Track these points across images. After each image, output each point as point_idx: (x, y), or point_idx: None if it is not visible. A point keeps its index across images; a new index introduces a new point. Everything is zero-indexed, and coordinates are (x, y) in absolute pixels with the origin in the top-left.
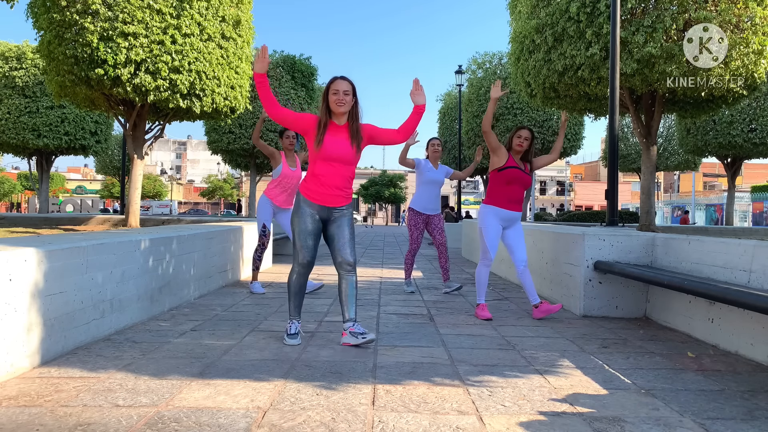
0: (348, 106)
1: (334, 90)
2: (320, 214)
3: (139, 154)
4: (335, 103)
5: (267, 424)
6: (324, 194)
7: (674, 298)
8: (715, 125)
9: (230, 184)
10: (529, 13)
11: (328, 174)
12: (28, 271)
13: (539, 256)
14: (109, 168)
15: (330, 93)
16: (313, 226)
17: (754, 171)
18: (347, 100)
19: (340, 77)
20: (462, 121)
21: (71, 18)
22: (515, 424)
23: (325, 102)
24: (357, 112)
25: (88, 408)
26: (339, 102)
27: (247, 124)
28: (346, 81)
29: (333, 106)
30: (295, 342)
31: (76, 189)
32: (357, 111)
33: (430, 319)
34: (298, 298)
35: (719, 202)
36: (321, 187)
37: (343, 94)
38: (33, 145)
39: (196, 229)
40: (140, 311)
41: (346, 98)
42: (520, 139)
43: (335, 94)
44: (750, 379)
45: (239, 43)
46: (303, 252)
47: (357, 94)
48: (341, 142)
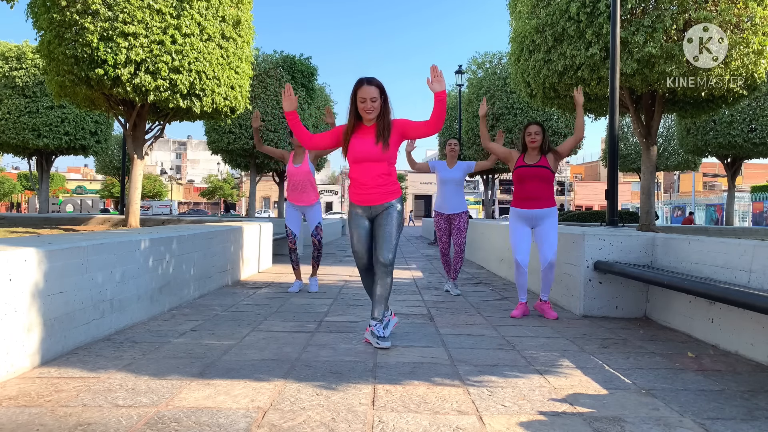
0: (377, 111)
1: (361, 98)
2: (366, 213)
3: (139, 154)
4: (363, 111)
5: (267, 424)
6: (362, 194)
7: (674, 298)
8: (715, 125)
9: (230, 184)
10: (529, 13)
11: (361, 174)
12: (28, 271)
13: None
14: (109, 168)
15: (358, 100)
16: (363, 229)
17: (754, 171)
18: (375, 107)
19: (367, 81)
20: (462, 121)
21: (71, 18)
22: (515, 424)
23: (353, 106)
24: (387, 110)
25: (88, 408)
26: (367, 110)
27: (247, 124)
28: (372, 86)
29: (362, 114)
30: (386, 345)
31: (76, 189)
32: (387, 110)
33: (430, 319)
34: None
35: (719, 202)
36: (358, 188)
37: (370, 101)
38: (33, 145)
39: (196, 229)
40: (140, 311)
41: (373, 105)
42: (531, 136)
43: (363, 102)
44: (750, 379)
45: (239, 43)
46: (356, 258)
47: (386, 92)
48: (367, 142)
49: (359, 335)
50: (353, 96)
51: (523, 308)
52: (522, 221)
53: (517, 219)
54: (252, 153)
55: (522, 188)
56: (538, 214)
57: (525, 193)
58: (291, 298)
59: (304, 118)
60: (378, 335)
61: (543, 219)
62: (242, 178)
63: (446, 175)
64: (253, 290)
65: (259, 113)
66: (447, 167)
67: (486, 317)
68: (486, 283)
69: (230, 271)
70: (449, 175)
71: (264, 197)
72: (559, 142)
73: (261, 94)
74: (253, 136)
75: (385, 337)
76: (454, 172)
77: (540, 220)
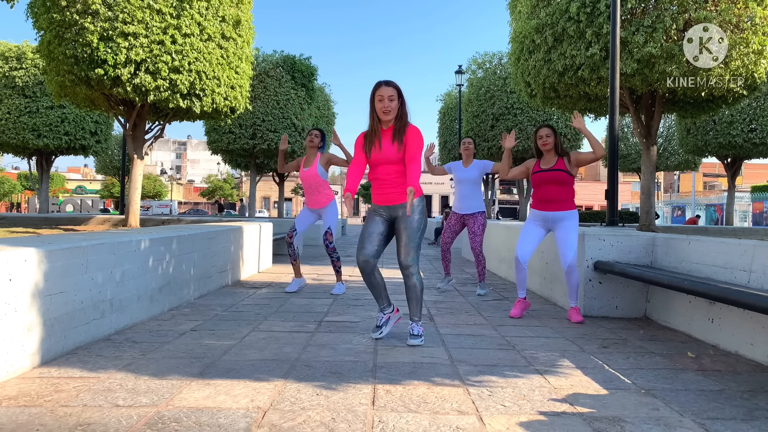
0: (395, 111)
1: (379, 97)
2: (386, 214)
3: (139, 154)
4: (381, 111)
5: (267, 424)
6: (381, 195)
7: (674, 298)
8: (715, 125)
9: (230, 184)
10: (529, 13)
11: (378, 176)
12: (28, 271)
13: (539, 256)
14: (109, 168)
15: (376, 100)
16: (375, 226)
17: (754, 171)
18: (393, 106)
19: (384, 83)
20: (462, 121)
21: (71, 18)
22: (515, 424)
23: (373, 108)
24: (404, 112)
25: (88, 408)
26: (385, 110)
27: (247, 124)
28: (390, 86)
29: (380, 114)
30: (375, 335)
31: (76, 189)
32: (404, 111)
33: (430, 319)
34: (375, 292)
35: (719, 202)
36: (376, 189)
37: (388, 100)
38: (33, 145)
39: (196, 229)
40: (140, 311)
41: (391, 104)
42: (542, 139)
43: (380, 101)
44: (750, 379)
45: (239, 43)
46: (358, 250)
47: (403, 95)
48: (384, 144)
49: (359, 335)
50: (372, 98)
51: (521, 305)
52: (537, 222)
53: (532, 219)
54: (252, 153)
55: (540, 191)
56: (555, 217)
57: (542, 196)
58: (291, 298)
59: (304, 118)
60: (414, 333)
61: (560, 221)
62: (242, 178)
63: (461, 174)
64: (253, 290)
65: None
66: (462, 167)
67: (486, 317)
68: (486, 282)
69: (230, 271)
70: (464, 174)
71: (264, 197)
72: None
73: (261, 94)
74: (253, 134)
75: (419, 335)
76: (470, 171)
77: (557, 222)
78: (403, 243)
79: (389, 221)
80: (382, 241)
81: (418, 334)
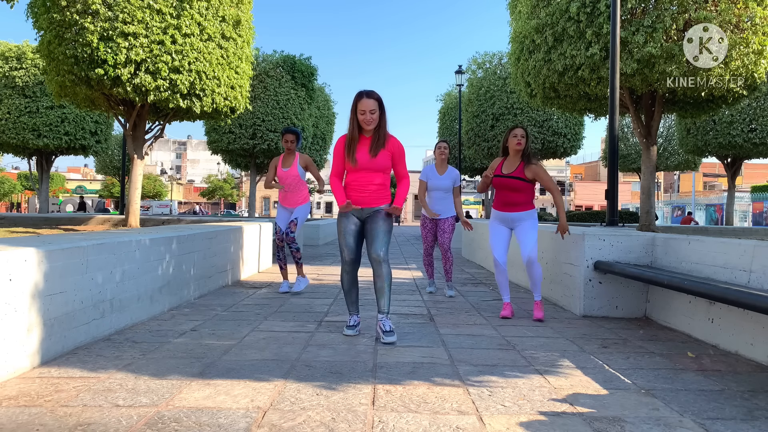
0: (375, 122)
1: (361, 110)
2: (357, 214)
3: (139, 154)
4: (363, 123)
5: (267, 424)
6: (355, 196)
7: (674, 298)
8: (715, 125)
9: (230, 184)
10: (529, 13)
11: (355, 180)
12: (28, 271)
13: (539, 256)
14: (109, 168)
15: (358, 113)
16: (353, 225)
17: (754, 171)
18: (374, 118)
19: (366, 95)
20: (462, 121)
21: (71, 18)
22: (515, 424)
23: (354, 118)
24: (383, 123)
25: (88, 408)
26: (366, 122)
27: (247, 124)
28: (371, 99)
29: (362, 125)
30: (351, 333)
31: (76, 189)
32: (383, 122)
33: (430, 319)
34: (351, 295)
35: (719, 202)
36: (351, 192)
37: (369, 113)
38: (33, 145)
39: (196, 229)
40: (140, 311)
41: (372, 116)
42: (516, 139)
43: (362, 114)
44: (750, 379)
45: (239, 43)
46: (345, 251)
47: (384, 106)
48: (363, 152)
49: (359, 335)
50: (354, 108)
51: (509, 308)
52: (500, 222)
53: (495, 220)
54: (252, 153)
55: (500, 194)
56: (515, 217)
57: (503, 199)
58: (291, 298)
59: (304, 118)
60: (386, 329)
61: (520, 221)
62: (242, 178)
63: (434, 183)
64: (253, 290)
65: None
66: (437, 174)
67: (486, 317)
68: (486, 283)
69: (230, 271)
70: (436, 183)
71: (264, 197)
72: (558, 143)
73: (261, 94)
74: (253, 134)
75: (391, 331)
76: (443, 180)
77: (518, 221)
78: (377, 236)
79: (361, 220)
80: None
81: (391, 330)
